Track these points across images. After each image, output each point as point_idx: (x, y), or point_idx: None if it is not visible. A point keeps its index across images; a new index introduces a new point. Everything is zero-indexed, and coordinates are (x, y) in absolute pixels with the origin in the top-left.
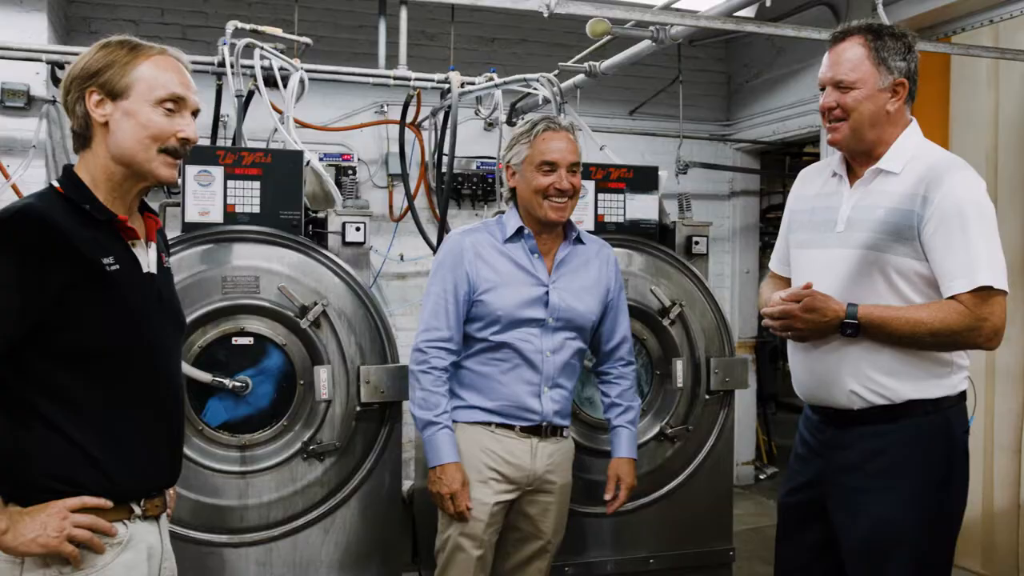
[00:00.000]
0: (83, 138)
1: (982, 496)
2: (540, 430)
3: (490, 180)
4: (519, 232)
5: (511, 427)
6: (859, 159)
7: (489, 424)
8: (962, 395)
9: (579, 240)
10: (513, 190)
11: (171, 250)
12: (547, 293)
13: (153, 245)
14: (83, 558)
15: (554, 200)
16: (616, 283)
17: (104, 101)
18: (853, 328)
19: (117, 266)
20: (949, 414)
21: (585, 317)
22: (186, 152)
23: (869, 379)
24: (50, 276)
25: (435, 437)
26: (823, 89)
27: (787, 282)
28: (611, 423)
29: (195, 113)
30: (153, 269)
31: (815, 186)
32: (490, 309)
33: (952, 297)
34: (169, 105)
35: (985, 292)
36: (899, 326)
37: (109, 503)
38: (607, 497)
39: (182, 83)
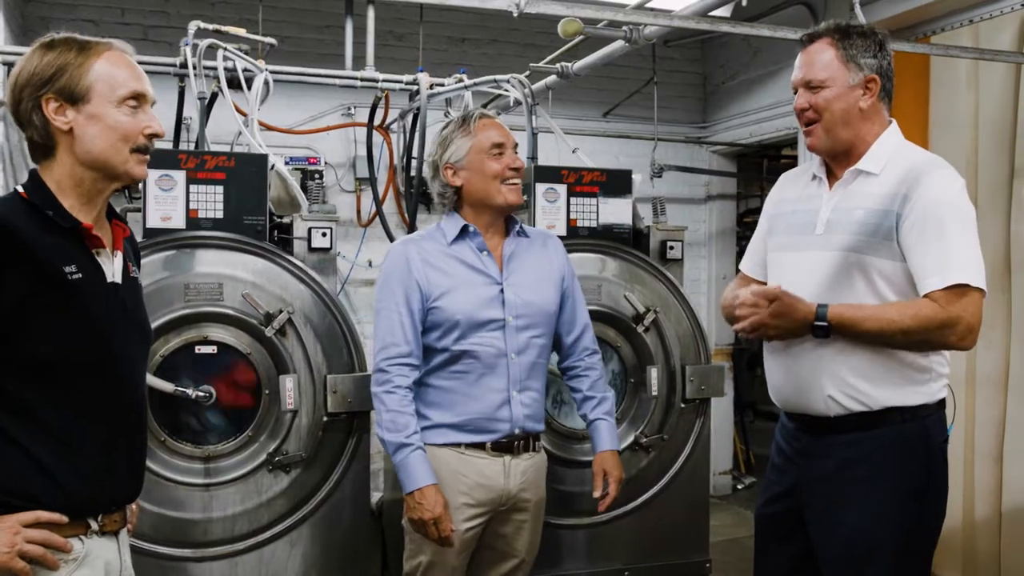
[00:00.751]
0: (45, 148)
1: (963, 505)
2: (512, 446)
3: None
4: (463, 232)
5: (481, 445)
6: (838, 160)
7: (459, 445)
8: (941, 403)
9: (522, 232)
10: (457, 191)
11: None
12: (502, 291)
13: (119, 254)
14: (36, 574)
15: (510, 182)
16: (568, 270)
17: (64, 107)
18: (823, 330)
19: (79, 275)
20: (927, 422)
21: (545, 310)
22: (151, 144)
23: (847, 384)
24: (9, 284)
25: (409, 460)
26: (796, 92)
27: (758, 284)
28: (587, 418)
29: (152, 104)
30: (118, 279)
31: (795, 189)
32: (447, 314)
33: (927, 295)
34: (132, 103)
35: (960, 289)
36: (870, 325)
37: (64, 518)
38: (596, 495)
39: (138, 77)
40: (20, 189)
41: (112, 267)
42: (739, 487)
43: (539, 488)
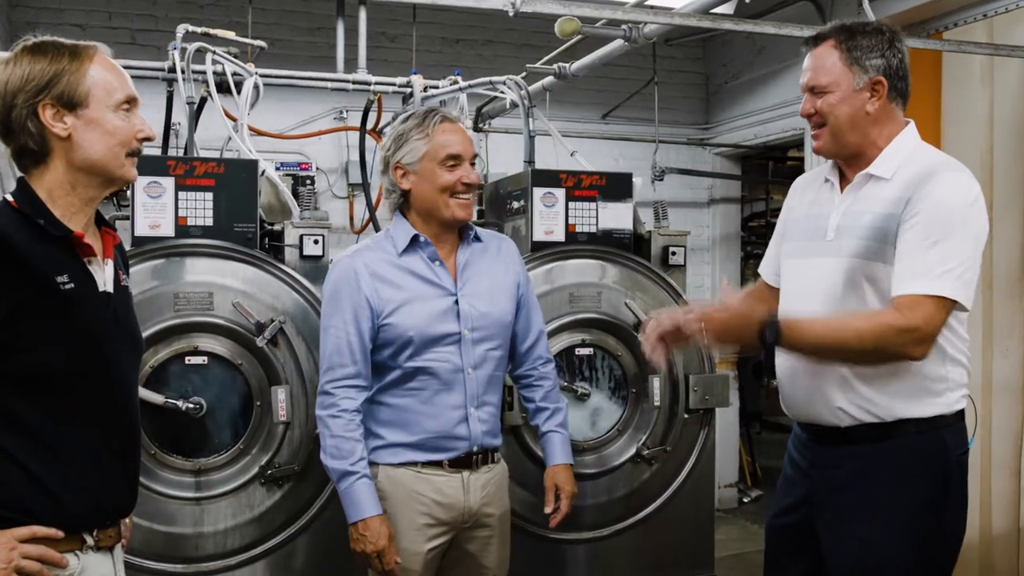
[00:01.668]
0: (38, 155)
1: (979, 518)
2: (470, 461)
3: None
4: (414, 241)
5: (439, 463)
6: (850, 163)
7: (415, 464)
8: (960, 414)
9: (476, 238)
10: (405, 194)
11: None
12: (456, 303)
13: (110, 262)
14: None
15: (461, 197)
16: (523, 275)
17: (61, 113)
18: (772, 330)
19: (72, 285)
20: (944, 433)
21: (501, 321)
22: (142, 148)
23: (857, 394)
24: (3, 294)
25: (353, 489)
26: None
27: (776, 293)
28: (540, 429)
29: None
30: (110, 288)
31: (808, 194)
32: (400, 331)
33: (895, 298)
34: (126, 107)
35: (930, 300)
36: (819, 328)
37: (60, 533)
38: (548, 510)
39: (127, 80)
40: (10, 198)
41: (104, 276)
42: (745, 500)
43: (502, 501)
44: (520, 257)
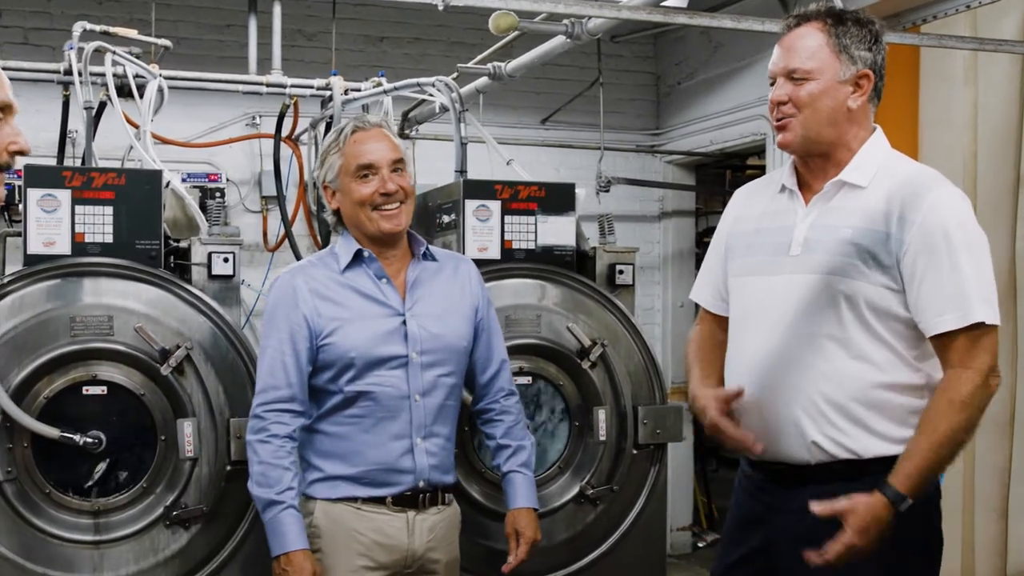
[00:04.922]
0: None
1: (962, 564)
2: (416, 500)
3: None
4: (358, 256)
5: (381, 500)
6: (815, 168)
7: (355, 500)
8: None
9: (429, 256)
10: (338, 213)
11: (11, 286)
12: (404, 323)
13: None
14: None
15: (384, 208)
16: (484, 299)
17: None
18: (899, 496)
19: None
20: None
21: (455, 345)
22: (13, 162)
23: (834, 427)
24: None
25: (277, 520)
26: (773, 83)
27: (725, 323)
28: (501, 469)
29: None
30: None
31: (759, 204)
32: (340, 351)
33: (940, 336)
34: None
35: (977, 331)
36: (938, 452)
37: None
38: (510, 559)
39: None
40: None
41: None
42: (700, 544)
43: (451, 546)
44: (481, 279)
